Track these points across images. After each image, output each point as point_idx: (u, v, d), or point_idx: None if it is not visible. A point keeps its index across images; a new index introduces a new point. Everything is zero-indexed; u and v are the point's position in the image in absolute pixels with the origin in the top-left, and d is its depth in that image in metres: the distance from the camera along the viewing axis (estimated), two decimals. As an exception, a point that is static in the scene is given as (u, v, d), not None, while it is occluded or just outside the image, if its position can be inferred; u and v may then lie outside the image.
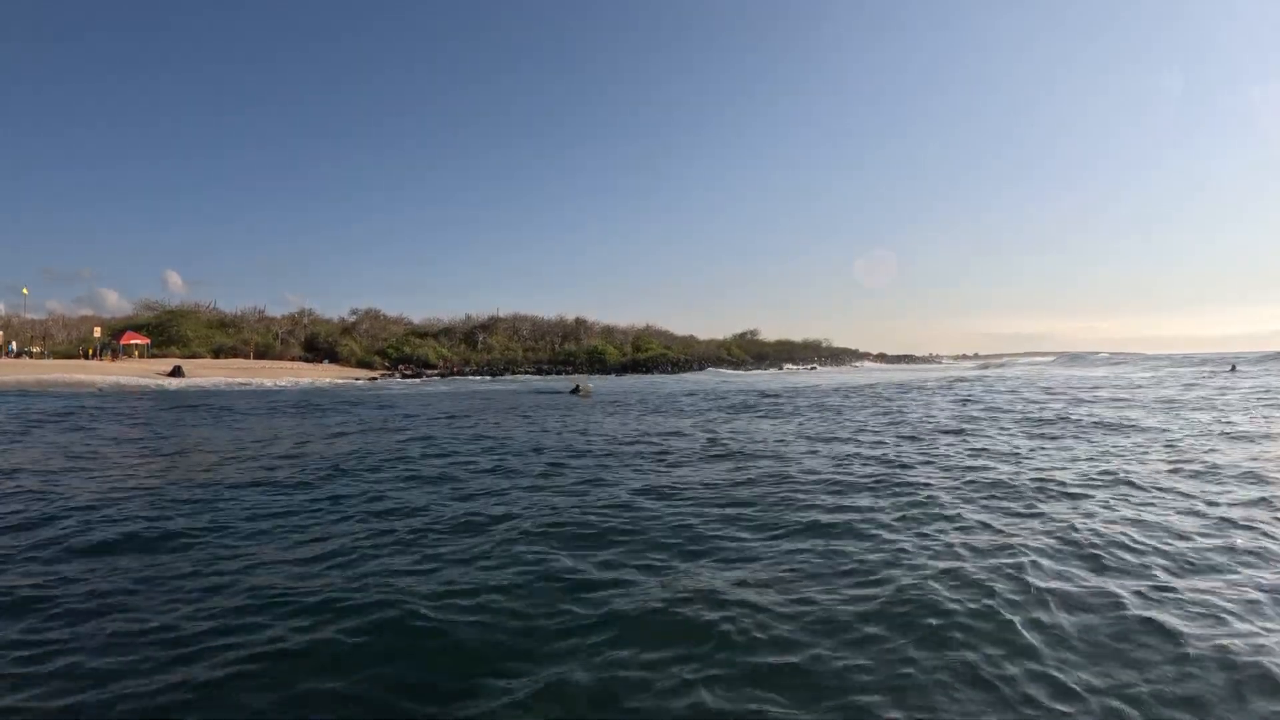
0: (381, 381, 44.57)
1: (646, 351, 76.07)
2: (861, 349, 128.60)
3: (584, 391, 27.21)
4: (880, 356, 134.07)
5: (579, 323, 79.32)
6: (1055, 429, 13.01)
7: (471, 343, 70.67)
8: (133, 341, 50.73)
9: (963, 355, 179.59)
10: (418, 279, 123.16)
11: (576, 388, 28.30)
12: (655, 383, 41.41)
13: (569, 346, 73.98)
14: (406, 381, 45.73)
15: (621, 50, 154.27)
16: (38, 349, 48.80)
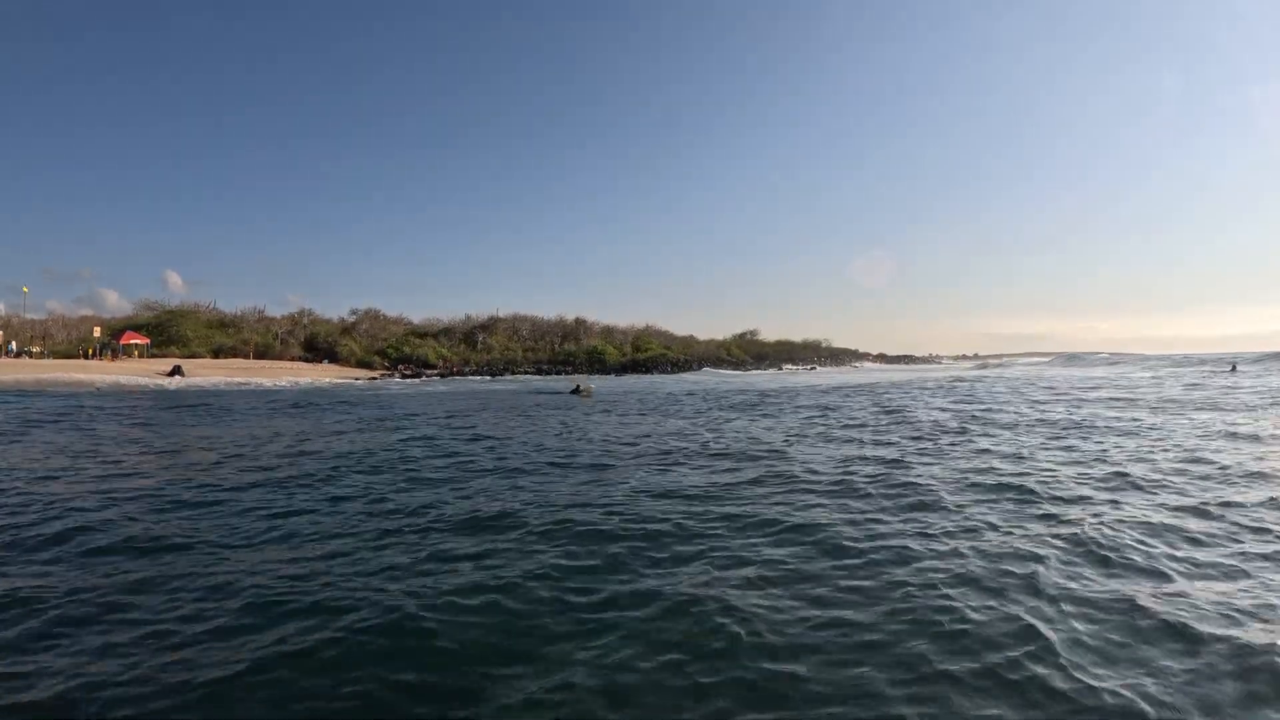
0: (381, 382, 44.52)
1: (646, 352, 76.05)
2: (861, 349, 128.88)
3: (585, 391, 26.98)
4: (880, 357, 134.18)
5: (579, 323, 79.32)
6: (1057, 429, 12.96)
7: (471, 343, 70.64)
8: (132, 341, 50.70)
9: (962, 355, 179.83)
10: (418, 279, 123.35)
11: (577, 388, 28.08)
12: (655, 383, 41.38)
13: (569, 347, 73.96)
14: (406, 381, 45.68)
15: (621, 51, 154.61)
16: (37, 349, 48.74)
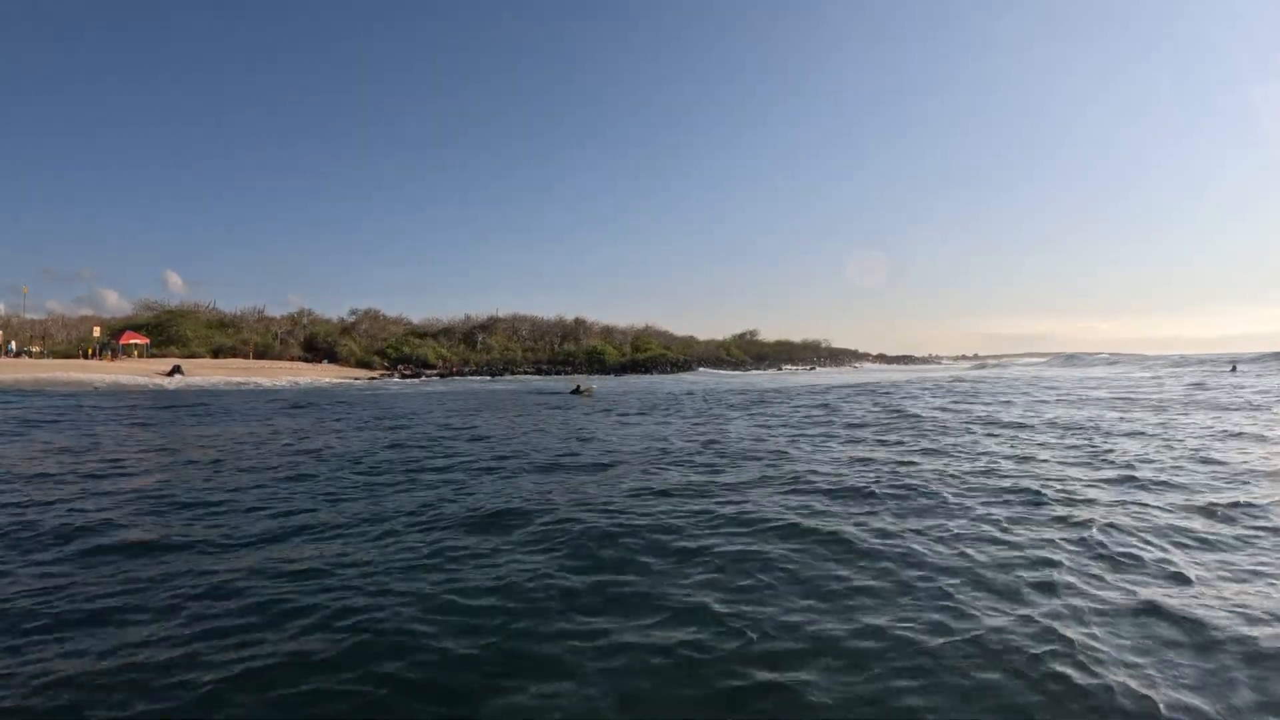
0: (380, 382, 44.46)
1: (646, 352, 76.02)
2: (861, 349, 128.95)
3: (585, 391, 26.93)
4: (880, 357, 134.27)
5: (578, 323, 79.28)
6: (1060, 430, 12.93)
7: (471, 343, 70.60)
8: (132, 341, 50.66)
9: (962, 356, 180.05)
10: (417, 279, 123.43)
11: (577, 388, 28.04)
12: (654, 383, 41.34)
13: (568, 347, 73.92)
14: (405, 381, 45.64)
15: (621, 51, 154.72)
16: (37, 348, 48.68)
